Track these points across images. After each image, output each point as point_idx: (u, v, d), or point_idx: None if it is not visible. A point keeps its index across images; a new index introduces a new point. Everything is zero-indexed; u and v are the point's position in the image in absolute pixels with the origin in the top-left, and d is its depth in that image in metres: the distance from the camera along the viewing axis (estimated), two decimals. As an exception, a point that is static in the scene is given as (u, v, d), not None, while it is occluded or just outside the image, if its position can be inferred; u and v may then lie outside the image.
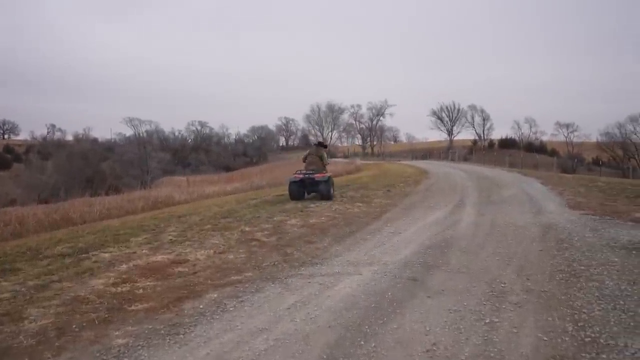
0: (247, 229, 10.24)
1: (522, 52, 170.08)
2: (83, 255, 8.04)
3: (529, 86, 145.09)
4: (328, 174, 15.02)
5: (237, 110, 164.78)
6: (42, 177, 30.81)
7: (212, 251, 8.29)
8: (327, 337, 4.64)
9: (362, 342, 4.48)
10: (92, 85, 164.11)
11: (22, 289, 6.46)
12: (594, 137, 68.47)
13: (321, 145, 17.26)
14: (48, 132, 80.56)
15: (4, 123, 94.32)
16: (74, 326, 5.10)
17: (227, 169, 49.10)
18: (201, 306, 5.66)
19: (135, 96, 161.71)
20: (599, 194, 15.97)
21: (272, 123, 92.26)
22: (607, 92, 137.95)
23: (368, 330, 4.78)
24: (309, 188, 14.95)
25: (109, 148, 44.92)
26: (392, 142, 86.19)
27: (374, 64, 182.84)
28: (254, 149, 71.76)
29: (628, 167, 43.90)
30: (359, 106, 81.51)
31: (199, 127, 71.76)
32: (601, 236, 9.05)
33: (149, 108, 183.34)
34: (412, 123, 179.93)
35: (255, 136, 79.88)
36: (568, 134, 78.13)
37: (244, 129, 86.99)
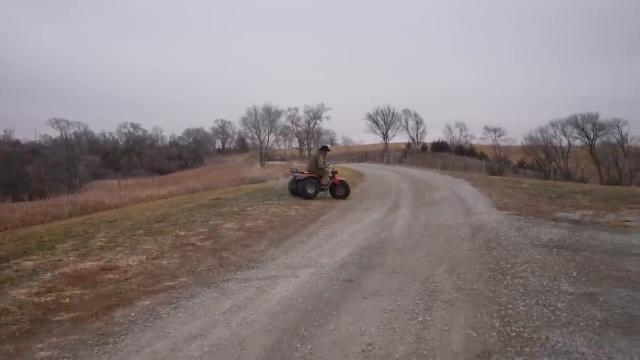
0: (181, 233, 10.02)
1: (454, 60, 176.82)
2: (3, 264, 7.60)
3: (460, 92, 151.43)
4: (313, 175, 16.40)
5: (171, 112, 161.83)
6: None
7: (144, 257, 8.04)
8: (264, 340, 4.60)
9: (299, 345, 4.48)
10: (12, 84, 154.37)
11: None
12: (519, 141, 72.05)
13: (324, 149, 18.05)
14: None
15: None
16: None
17: (161, 172, 47.85)
18: (133, 314, 5.48)
19: (61, 97, 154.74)
20: (524, 195, 16.76)
21: (208, 126, 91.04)
22: (532, 99, 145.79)
23: (305, 333, 4.77)
24: (299, 185, 16.36)
25: (33, 150, 42.68)
26: (331, 144, 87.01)
27: (311, 68, 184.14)
28: (190, 152, 70.42)
29: (549, 170, 46.08)
30: (296, 109, 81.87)
31: (131, 130, 69.85)
32: (525, 235, 9.50)
33: (77, 110, 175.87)
34: (349, 127, 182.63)
35: (191, 139, 78.47)
36: (495, 137, 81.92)
37: (178, 132, 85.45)
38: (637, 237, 9.17)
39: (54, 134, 59.39)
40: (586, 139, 57.84)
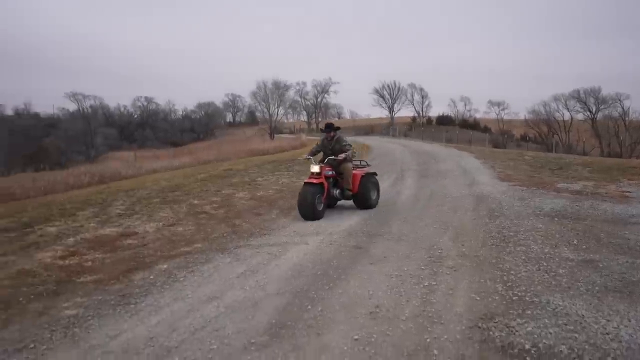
0: (195, 202, 10.17)
1: (459, 36, 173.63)
2: (28, 229, 7.80)
3: (465, 67, 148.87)
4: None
5: (183, 87, 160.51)
6: None
7: (161, 224, 8.22)
8: (276, 302, 4.71)
9: (310, 307, 4.57)
10: (31, 59, 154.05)
11: None
12: (522, 115, 70.67)
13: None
14: None
15: None
16: (20, 299, 5.00)
17: (174, 144, 47.90)
18: (151, 277, 5.64)
19: (78, 72, 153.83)
20: (526, 167, 16.77)
21: (219, 99, 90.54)
22: (535, 74, 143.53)
23: (315, 296, 4.87)
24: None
25: (51, 124, 42.77)
26: (336, 119, 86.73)
27: (319, 41, 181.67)
28: (201, 125, 70.26)
29: (552, 143, 45.56)
30: (304, 83, 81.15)
31: (145, 103, 69.84)
32: (528, 205, 9.57)
33: (92, 84, 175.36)
34: (356, 101, 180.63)
35: (202, 112, 78.22)
36: (499, 111, 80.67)
37: (190, 105, 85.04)
38: (637, 207, 9.23)
39: (71, 107, 59.43)
40: (588, 112, 57.15)
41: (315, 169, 8.54)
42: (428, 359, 3.56)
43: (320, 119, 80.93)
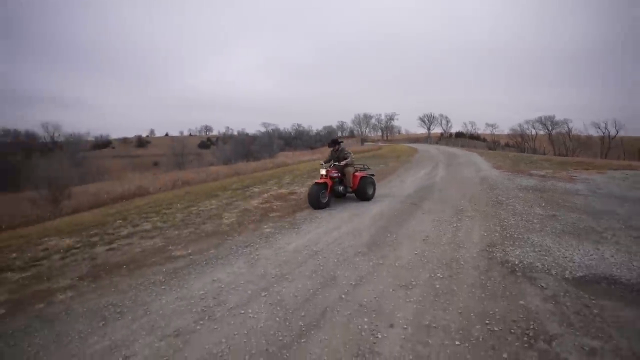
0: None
1: (470, 83, 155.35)
2: (246, 189, 8.96)
3: (471, 100, 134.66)
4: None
5: (317, 116, 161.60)
6: (224, 153, 33.47)
7: (308, 188, 9.01)
8: (369, 232, 5.13)
9: (388, 235, 4.94)
10: (233, 102, 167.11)
11: (220, 204, 7.44)
12: (506, 131, 68.13)
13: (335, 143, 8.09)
14: (226, 130, 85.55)
15: (206, 128, 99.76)
16: (245, 222, 5.90)
17: (312, 148, 50.70)
18: (305, 215, 6.31)
19: (262, 108, 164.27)
20: (510, 162, 15.69)
21: (334, 124, 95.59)
22: (515, 105, 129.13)
23: (391, 229, 5.22)
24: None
25: (254, 138, 48.02)
26: (398, 133, 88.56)
27: (385, 84, 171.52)
28: (325, 137, 74.28)
29: (524, 147, 47.76)
30: (379, 114, 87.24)
31: (297, 126, 77.45)
32: (513, 182, 9.24)
33: (267, 116, 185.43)
34: (408, 123, 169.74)
35: (325, 130, 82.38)
36: (492, 129, 77.47)
37: (320, 127, 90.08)
38: (580, 185, 8.67)
39: (262, 129, 68.83)
40: (547, 130, 54.35)
41: (322, 171, 7.13)
42: (458, 266, 3.82)
43: (388, 134, 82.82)
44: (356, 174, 7.50)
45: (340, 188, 7.28)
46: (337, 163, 7.42)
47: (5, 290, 3.57)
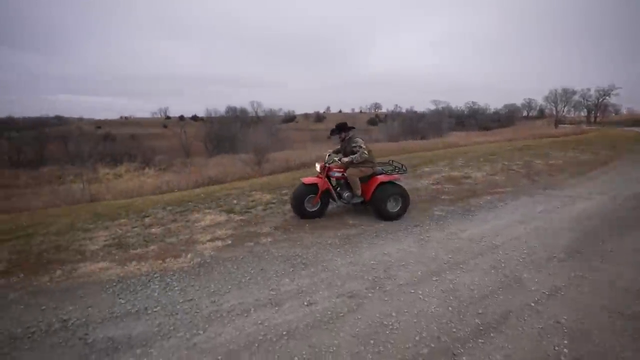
0: (505, 162, 9.37)
1: None
2: (414, 168, 8.71)
3: None
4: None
5: (492, 92, 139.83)
6: (391, 130, 34.24)
7: (484, 173, 8.07)
8: (570, 234, 4.21)
9: (601, 244, 3.90)
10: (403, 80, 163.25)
11: None
12: None
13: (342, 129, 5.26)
14: (394, 108, 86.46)
15: (375, 106, 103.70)
16: (414, 201, 5.67)
17: (487, 128, 44.29)
18: (481, 202, 5.73)
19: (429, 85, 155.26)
20: None
21: (518, 102, 79.95)
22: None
23: (604, 237, 4.11)
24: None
25: (422, 115, 46.74)
26: (614, 114, 61.88)
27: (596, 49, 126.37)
28: (505, 117, 63.00)
29: None
30: (588, 89, 61.34)
31: (471, 104, 68.82)
32: None
33: (438, 94, 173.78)
34: (634, 100, 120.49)
35: (506, 109, 69.87)
36: None
37: (499, 105, 77.66)
38: None
39: (431, 107, 65.38)
40: None
41: (317, 167, 5.07)
42: None
43: (598, 115, 59.19)
44: (377, 177, 4.95)
45: (346, 195, 5.01)
46: (345, 158, 4.98)
47: (231, 227, 4.71)
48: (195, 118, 70.23)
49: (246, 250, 3.92)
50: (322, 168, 4.94)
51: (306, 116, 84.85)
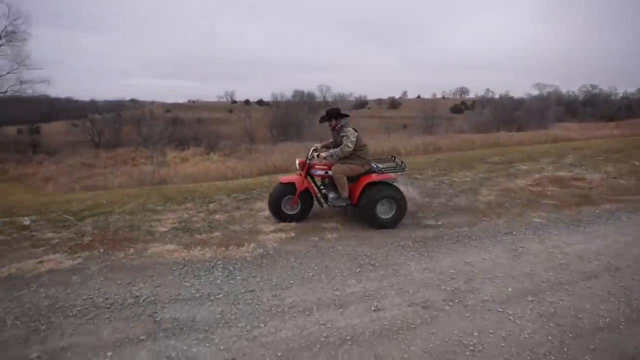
0: (636, 163, 8.19)
1: None
2: (510, 165, 8.16)
3: None
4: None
5: (619, 74, 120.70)
6: (480, 118, 32.62)
7: (605, 175, 7.13)
8: None
9: None
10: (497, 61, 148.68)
11: (476, 178, 7.06)
12: None
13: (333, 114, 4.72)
14: (485, 93, 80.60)
15: (461, 90, 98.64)
16: (506, 204, 5.43)
17: (611, 119, 37.63)
18: (597, 211, 5.10)
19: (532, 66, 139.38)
20: None
21: None
22: None
23: None
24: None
25: (520, 102, 42.74)
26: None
27: None
28: (637, 104, 52.35)
29: None
30: None
31: (588, 89, 60.05)
32: None
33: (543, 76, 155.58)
34: None
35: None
36: None
37: (632, 88, 66.06)
38: None
39: (533, 92, 59.20)
40: None
41: (297, 162, 4.66)
42: None
43: None
44: (365, 176, 4.47)
45: (331, 195, 4.58)
46: (323, 153, 4.66)
47: (294, 219, 4.89)
48: (260, 102, 73.70)
49: (310, 244, 4.03)
50: (302, 165, 4.56)
51: (379, 102, 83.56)
